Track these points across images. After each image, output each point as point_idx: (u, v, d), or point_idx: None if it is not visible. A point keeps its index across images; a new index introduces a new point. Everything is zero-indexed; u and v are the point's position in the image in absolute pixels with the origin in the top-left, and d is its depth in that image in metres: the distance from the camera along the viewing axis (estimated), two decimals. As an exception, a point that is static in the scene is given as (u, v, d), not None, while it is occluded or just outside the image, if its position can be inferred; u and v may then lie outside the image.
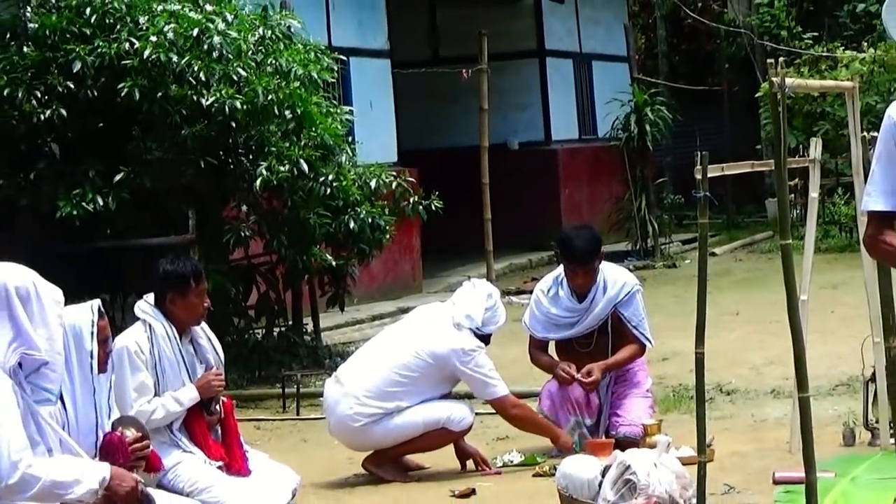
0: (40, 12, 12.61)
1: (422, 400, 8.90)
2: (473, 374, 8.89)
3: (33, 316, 6.44)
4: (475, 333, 9.01)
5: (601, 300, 9.12)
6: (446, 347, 8.91)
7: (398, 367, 8.91)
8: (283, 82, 12.64)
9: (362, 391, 8.92)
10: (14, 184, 12.44)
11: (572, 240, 9.22)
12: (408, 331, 9.29)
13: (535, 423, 9.18)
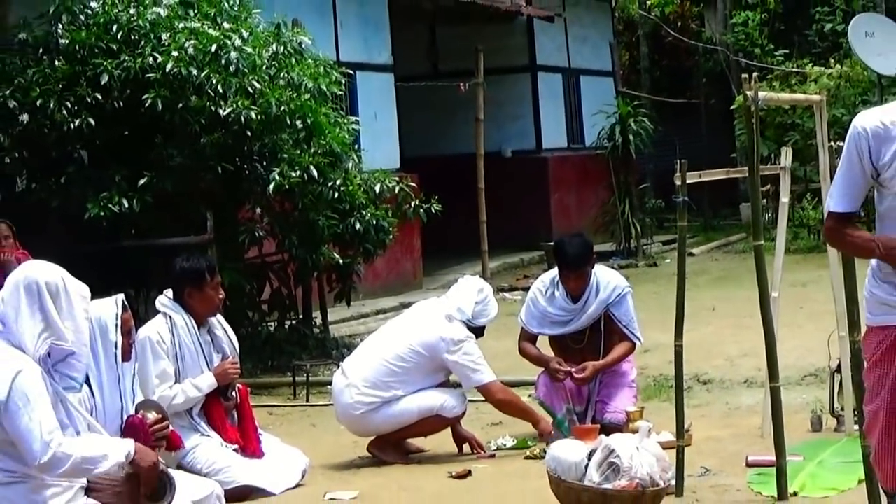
0: (71, 29, 12.61)
1: (417, 389, 8.90)
2: (460, 363, 8.88)
3: (62, 309, 6.45)
4: (468, 326, 9.01)
5: (594, 302, 9.12)
6: (436, 338, 8.90)
7: (393, 358, 8.92)
8: (294, 94, 12.65)
9: (362, 382, 8.93)
10: (46, 187, 12.44)
11: (565, 247, 9.21)
12: (404, 324, 9.32)
13: (519, 408, 9.17)
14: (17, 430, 6.20)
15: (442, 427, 9.00)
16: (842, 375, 8.62)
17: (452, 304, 9.09)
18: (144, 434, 7.39)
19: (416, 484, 8.40)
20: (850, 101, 21.81)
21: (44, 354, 6.40)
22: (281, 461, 8.57)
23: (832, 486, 7.48)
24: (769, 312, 7.60)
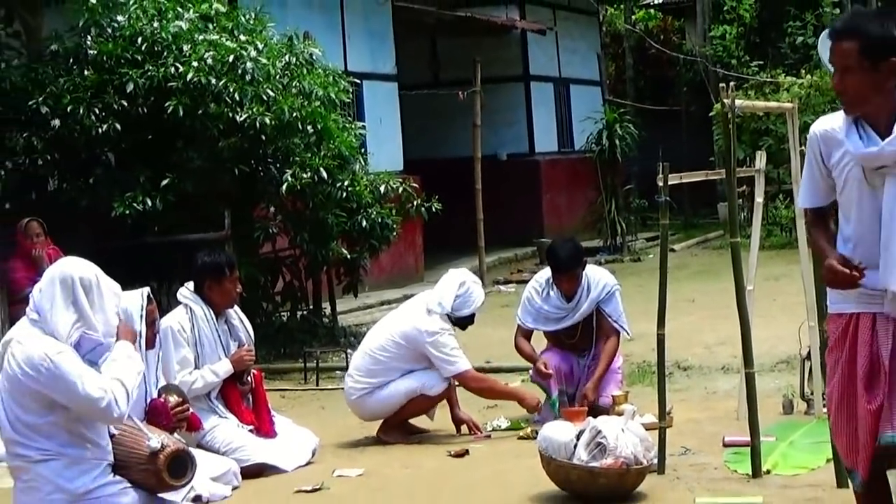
0: (99, 41, 12.61)
1: (402, 374, 8.94)
2: (436, 353, 8.88)
3: (94, 303, 6.50)
4: (450, 317, 9.03)
5: (586, 300, 9.11)
6: (414, 329, 8.94)
7: (378, 349, 9.02)
8: (305, 102, 12.65)
9: (355, 371, 9.10)
10: (75, 187, 12.46)
11: (557, 251, 9.20)
12: (392, 317, 9.36)
13: (497, 391, 9.25)
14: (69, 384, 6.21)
15: (431, 405, 9.04)
16: (811, 362, 8.65)
17: (434, 298, 9.10)
18: (166, 416, 7.41)
19: (417, 462, 8.41)
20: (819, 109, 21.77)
21: (75, 342, 6.43)
22: (293, 441, 8.58)
23: (802, 464, 7.48)
24: (744, 304, 7.61)
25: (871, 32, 4.93)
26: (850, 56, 4.93)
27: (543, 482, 7.20)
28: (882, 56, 4.88)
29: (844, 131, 5.04)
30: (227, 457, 8.08)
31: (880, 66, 4.88)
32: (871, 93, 4.93)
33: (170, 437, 6.81)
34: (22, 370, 6.29)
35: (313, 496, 7.60)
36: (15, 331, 6.53)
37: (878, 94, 4.92)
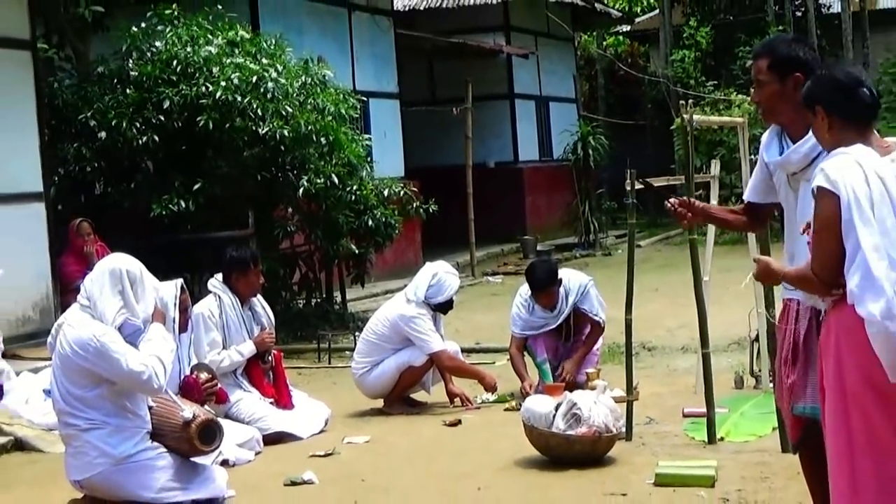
0: (139, 63, 12.61)
1: (393, 352, 9.00)
2: (413, 334, 8.94)
3: (137, 294, 6.54)
4: (428, 304, 9.07)
5: (567, 306, 9.11)
6: (395, 316, 9.04)
7: (370, 333, 9.18)
8: (319, 117, 12.64)
9: (356, 353, 9.26)
10: (119, 191, 12.47)
11: (535, 272, 9.17)
12: (384, 307, 9.46)
13: (465, 370, 9.25)
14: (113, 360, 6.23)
15: (420, 374, 9.06)
16: (759, 343, 8.65)
17: (411, 288, 9.19)
18: (198, 391, 7.41)
19: (416, 430, 8.41)
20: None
21: (118, 326, 6.44)
22: (308, 412, 8.59)
23: (752, 432, 7.50)
24: (701, 293, 7.62)
25: (780, 51, 5.04)
26: (762, 71, 5.03)
27: (526, 448, 7.20)
28: (788, 71, 4.94)
29: (766, 140, 5.13)
30: (251, 426, 8.09)
31: (787, 80, 4.94)
32: (780, 103, 5.00)
33: (200, 408, 6.82)
34: (72, 349, 6.31)
35: (325, 460, 7.59)
36: (66, 316, 6.55)
37: (788, 105, 4.95)
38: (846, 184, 4.10)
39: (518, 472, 7.02)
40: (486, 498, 6.52)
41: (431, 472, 7.20)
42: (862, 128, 4.35)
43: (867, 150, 4.23)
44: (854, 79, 4.39)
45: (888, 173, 4.17)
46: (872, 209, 4.09)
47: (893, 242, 4.08)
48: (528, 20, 25.41)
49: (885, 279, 4.01)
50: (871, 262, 4.03)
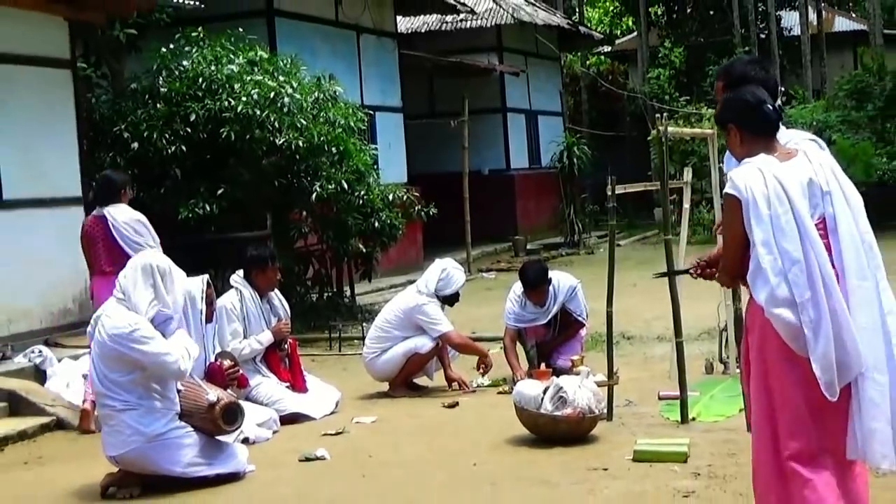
0: (168, 80, 12.61)
1: (401, 339, 9.02)
2: (424, 319, 8.99)
3: (167, 286, 6.60)
4: (437, 296, 9.11)
5: (555, 304, 9.12)
6: (407, 305, 9.08)
7: (384, 321, 9.17)
8: (331, 129, 12.65)
9: (368, 339, 9.26)
10: (150, 196, 12.42)
11: (527, 273, 9.17)
12: (396, 299, 9.45)
13: (471, 348, 9.24)
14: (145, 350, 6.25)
15: (424, 361, 9.09)
16: (727, 333, 8.67)
17: (422, 281, 9.22)
18: (221, 376, 7.43)
19: (418, 411, 8.42)
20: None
21: (151, 317, 6.47)
22: (320, 394, 8.59)
23: (720, 413, 7.50)
24: (675, 287, 7.63)
25: (733, 72, 5.16)
26: (720, 91, 5.08)
27: (517, 427, 7.21)
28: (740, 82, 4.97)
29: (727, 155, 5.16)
30: (269, 407, 8.09)
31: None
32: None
33: (224, 392, 6.84)
34: (109, 338, 6.34)
35: (336, 438, 7.60)
36: (104, 308, 6.57)
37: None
38: (747, 188, 4.28)
39: (510, 448, 7.03)
40: (481, 472, 6.52)
41: (432, 448, 7.21)
42: (767, 140, 4.49)
43: (769, 158, 4.38)
44: (759, 99, 4.52)
45: (785, 176, 4.31)
46: (769, 208, 4.24)
47: (787, 236, 4.22)
48: (519, 42, 25.41)
49: (771, 270, 4.20)
50: (760, 256, 4.22)
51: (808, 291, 4.20)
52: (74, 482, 6.76)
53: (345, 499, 6.17)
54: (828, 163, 4.47)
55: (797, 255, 4.22)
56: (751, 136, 4.50)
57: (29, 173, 10.76)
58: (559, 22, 27.15)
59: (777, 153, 4.46)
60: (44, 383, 9.15)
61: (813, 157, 4.46)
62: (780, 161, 4.41)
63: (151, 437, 6.39)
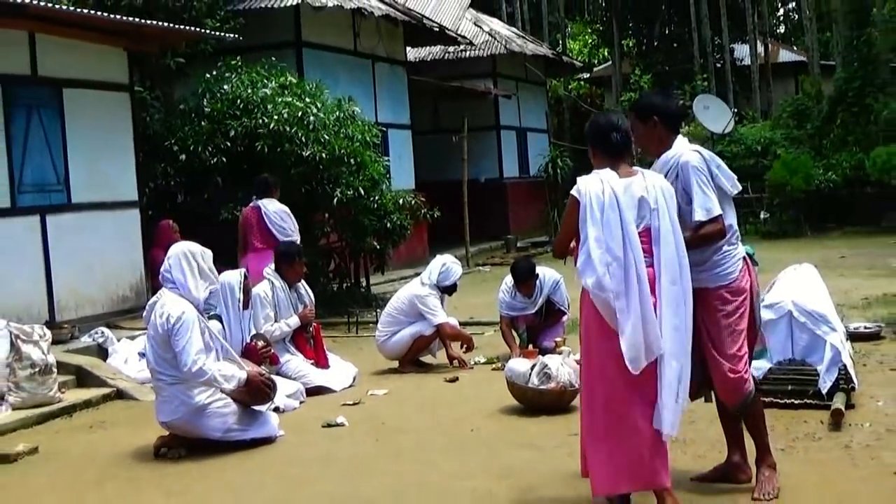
0: (211, 102, 12.63)
1: (408, 324, 9.03)
2: (424, 309, 8.99)
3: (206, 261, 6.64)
4: (438, 286, 9.11)
5: (541, 295, 9.16)
6: (412, 295, 9.09)
7: (391, 309, 9.18)
8: (349, 143, 12.65)
9: (379, 324, 9.28)
10: (196, 201, 12.52)
11: (518, 268, 9.21)
12: (403, 289, 9.45)
13: (460, 336, 9.19)
14: (179, 346, 6.29)
15: (428, 342, 9.08)
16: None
17: (426, 274, 9.22)
18: (256, 355, 7.47)
19: (424, 385, 8.44)
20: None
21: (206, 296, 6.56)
22: (340, 370, 8.61)
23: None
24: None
25: (640, 103, 5.31)
26: (633, 122, 5.16)
27: (508, 399, 7.23)
28: (648, 116, 5.13)
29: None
30: (296, 381, 8.11)
31: (648, 122, 5.14)
32: (646, 140, 5.17)
33: (258, 368, 6.85)
34: (162, 321, 6.35)
35: (354, 408, 7.61)
36: (160, 294, 6.57)
37: (653, 140, 5.14)
38: (587, 192, 4.63)
39: (502, 417, 7.04)
40: (477, 437, 6.54)
41: (435, 416, 7.22)
42: (613, 159, 4.78)
43: (612, 173, 4.71)
44: (611, 126, 4.84)
45: (620, 189, 4.63)
46: (602, 212, 4.58)
47: (613, 236, 4.55)
48: (510, 69, 25.39)
49: (598, 262, 4.53)
50: (591, 249, 4.55)
51: (623, 284, 4.52)
52: (132, 444, 6.79)
53: (361, 459, 6.18)
54: (660, 185, 4.74)
55: (619, 253, 4.54)
56: (601, 154, 4.81)
57: (93, 180, 10.78)
58: (545, 52, 27.17)
59: (620, 170, 4.75)
60: (106, 360, 9.18)
61: (648, 179, 4.73)
62: (621, 177, 4.70)
63: (197, 406, 6.41)
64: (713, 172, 5.00)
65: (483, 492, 5.33)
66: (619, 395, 4.60)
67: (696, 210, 4.90)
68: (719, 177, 5.02)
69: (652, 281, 4.60)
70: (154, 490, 5.77)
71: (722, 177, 5.03)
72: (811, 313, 6.91)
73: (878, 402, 6.79)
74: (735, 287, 4.98)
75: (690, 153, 5.02)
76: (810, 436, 6.07)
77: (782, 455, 5.71)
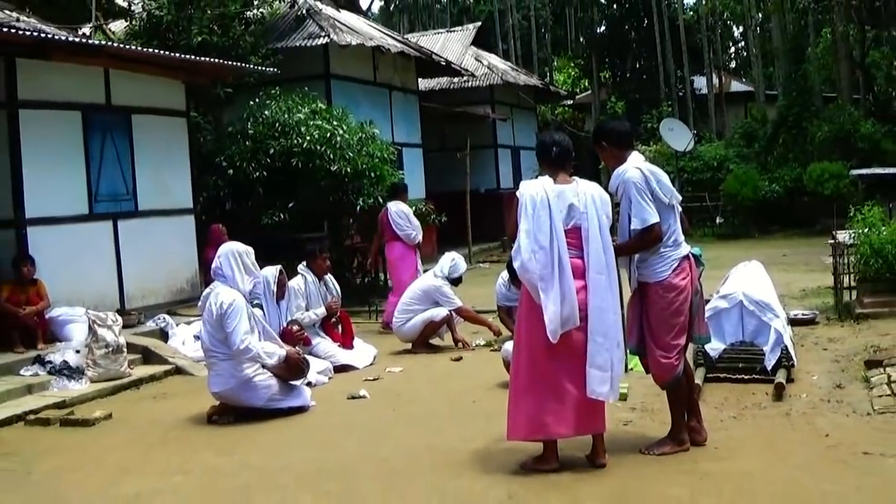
0: (255, 125, 12.68)
1: (421, 311, 9.02)
2: (443, 298, 9.01)
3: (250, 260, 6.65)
4: (448, 278, 9.13)
5: None
6: (428, 285, 9.10)
7: (409, 298, 9.14)
8: (370, 159, 12.68)
9: (397, 311, 9.22)
10: (241, 208, 12.54)
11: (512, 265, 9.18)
12: (417, 282, 9.45)
13: (476, 319, 9.24)
14: (230, 328, 6.31)
15: (439, 326, 9.07)
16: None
17: (438, 268, 9.25)
18: (292, 337, 7.50)
19: (433, 364, 8.45)
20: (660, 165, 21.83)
21: (251, 289, 6.58)
22: (363, 351, 8.64)
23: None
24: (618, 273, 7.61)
25: (594, 131, 5.41)
26: (594, 145, 5.34)
27: (504, 375, 7.18)
28: (600, 140, 5.26)
29: None
30: (325, 360, 8.14)
31: (601, 145, 5.26)
32: (604, 158, 5.28)
33: (293, 349, 6.89)
34: (216, 307, 6.39)
35: (374, 382, 7.63)
36: (213, 286, 6.60)
37: (609, 158, 5.24)
38: (525, 193, 4.83)
39: (499, 390, 7.03)
40: (478, 407, 6.56)
41: (442, 390, 7.25)
42: (554, 168, 4.94)
43: (549, 179, 4.90)
44: (553, 142, 5.03)
45: (553, 193, 4.81)
46: (534, 210, 4.77)
47: (541, 230, 4.74)
48: (506, 97, 25.38)
49: (525, 249, 4.74)
50: (521, 239, 4.77)
51: (548, 269, 4.70)
52: (188, 411, 6.83)
53: (379, 425, 6.20)
54: (591, 193, 4.88)
55: (545, 243, 4.73)
56: (545, 165, 4.96)
57: (156, 191, 10.83)
58: (535, 83, 27.14)
59: (559, 178, 4.91)
60: (167, 341, 9.22)
61: (581, 187, 4.91)
62: (557, 183, 4.87)
63: (243, 380, 6.45)
64: (652, 187, 5.01)
65: (483, 453, 5.36)
66: (540, 360, 4.78)
67: (633, 220, 4.96)
68: (657, 191, 5.02)
69: (582, 270, 4.78)
70: (207, 450, 5.80)
71: (660, 190, 5.03)
72: (758, 302, 6.94)
73: (812, 377, 6.81)
74: (667, 283, 5.01)
75: (633, 170, 5.04)
76: (757, 405, 6.10)
77: (734, 421, 5.74)
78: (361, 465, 5.24)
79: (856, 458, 4.85)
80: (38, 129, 9.20)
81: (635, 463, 4.98)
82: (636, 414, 6.07)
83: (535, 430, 4.83)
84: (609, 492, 4.56)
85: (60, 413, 6.88)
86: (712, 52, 31.89)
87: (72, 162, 9.65)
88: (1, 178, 9.02)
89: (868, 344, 7.63)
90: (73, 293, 9.29)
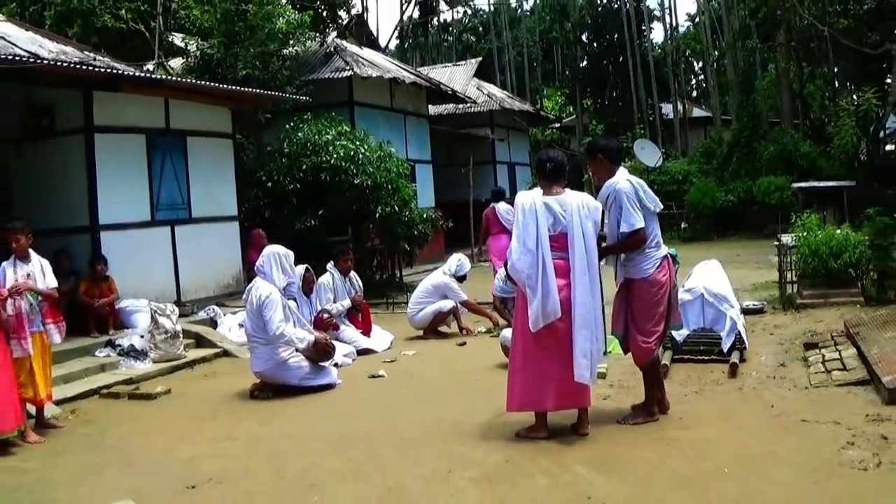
0: (290, 145, 12.66)
1: (431, 303, 8.97)
2: (451, 292, 8.97)
3: (289, 262, 6.63)
4: (455, 276, 9.08)
5: None
6: (437, 281, 9.03)
7: (420, 292, 9.08)
8: (388, 174, 12.65)
9: (410, 303, 9.20)
10: (279, 216, 12.52)
11: None
12: (427, 279, 9.37)
13: (479, 311, 9.17)
14: (267, 317, 6.32)
15: (446, 316, 9.00)
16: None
17: (446, 267, 9.20)
18: (323, 324, 7.49)
19: (441, 348, 8.44)
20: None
21: (285, 285, 6.58)
22: (381, 337, 8.62)
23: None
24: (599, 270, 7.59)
25: (589, 145, 5.30)
26: (587, 158, 5.22)
27: (502, 358, 7.19)
28: (595, 154, 5.16)
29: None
30: (350, 345, 8.15)
31: (596, 158, 5.17)
32: (596, 170, 5.21)
33: (323, 334, 6.90)
34: (256, 298, 6.40)
35: (391, 364, 7.63)
36: (254, 282, 6.62)
37: (600, 171, 5.16)
38: (519, 203, 4.81)
39: (498, 371, 7.03)
40: (480, 386, 6.54)
41: (450, 371, 7.23)
42: (548, 181, 4.88)
43: (540, 191, 4.86)
44: (547, 158, 4.96)
45: (542, 204, 4.78)
46: (524, 218, 4.76)
47: (529, 236, 4.74)
48: (503, 120, 25.36)
49: (515, 251, 4.74)
50: (513, 242, 4.79)
51: (532, 269, 4.70)
52: (235, 388, 6.85)
53: (396, 400, 6.20)
54: (579, 202, 4.80)
55: (532, 247, 4.72)
56: (541, 178, 4.90)
57: (207, 200, 10.86)
58: (528, 108, 27.13)
59: (552, 190, 4.85)
60: (216, 329, 9.24)
61: (570, 198, 4.82)
62: (547, 195, 4.82)
63: (280, 361, 6.47)
64: (640, 196, 5.02)
65: (485, 425, 5.36)
66: (531, 345, 4.81)
67: (623, 224, 4.95)
68: (644, 199, 5.03)
69: (566, 270, 4.76)
70: (250, 421, 5.82)
71: (646, 199, 5.05)
72: (716, 295, 6.94)
73: (761, 358, 6.80)
74: (651, 279, 5.03)
75: (624, 182, 5.04)
76: (715, 382, 6.10)
77: (695, 396, 5.74)
78: (380, 434, 5.25)
79: (796, 425, 4.88)
80: (110, 149, 9.35)
81: (613, 431, 4.99)
82: (614, 390, 6.07)
83: (527, 403, 4.87)
84: (591, 456, 4.58)
85: (128, 388, 6.94)
86: (677, 83, 31.88)
87: (137, 177, 9.75)
88: (79, 191, 9.18)
89: (807, 329, 7.63)
90: (138, 288, 9.38)
